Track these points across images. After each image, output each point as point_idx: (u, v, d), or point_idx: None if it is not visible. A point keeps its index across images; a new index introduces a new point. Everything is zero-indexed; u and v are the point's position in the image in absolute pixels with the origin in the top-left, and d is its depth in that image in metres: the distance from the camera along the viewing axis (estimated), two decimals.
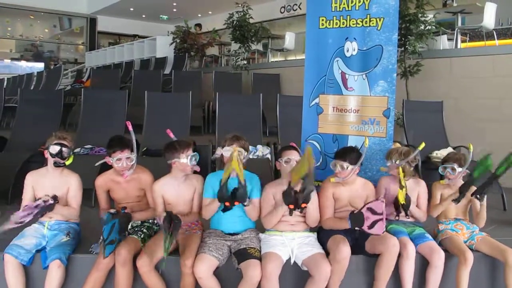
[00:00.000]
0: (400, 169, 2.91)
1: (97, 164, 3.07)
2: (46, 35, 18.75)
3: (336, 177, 2.94)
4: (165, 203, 2.91)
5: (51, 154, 2.80)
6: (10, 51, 17.72)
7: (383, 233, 2.64)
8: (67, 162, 2.84)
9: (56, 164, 2.81)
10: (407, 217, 2.97)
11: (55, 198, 2.74)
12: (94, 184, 3.00)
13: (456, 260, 2.86)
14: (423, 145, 3.13)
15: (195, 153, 2.88)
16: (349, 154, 2.95)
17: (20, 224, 2.60)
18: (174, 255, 2.72)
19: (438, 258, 2.78)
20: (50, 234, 2.79)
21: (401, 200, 2.84)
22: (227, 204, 2.67)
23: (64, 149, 2.80)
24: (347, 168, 2.90)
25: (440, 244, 2.98)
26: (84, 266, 2.70)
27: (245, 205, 2.75)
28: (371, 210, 2.64)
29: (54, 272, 2.56)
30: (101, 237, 2.62)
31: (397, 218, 2.94)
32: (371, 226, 2.61)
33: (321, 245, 2.83)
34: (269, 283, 2.57)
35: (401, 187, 2.86)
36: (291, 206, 2.65)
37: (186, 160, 2.82)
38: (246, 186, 2.67)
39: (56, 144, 2.80)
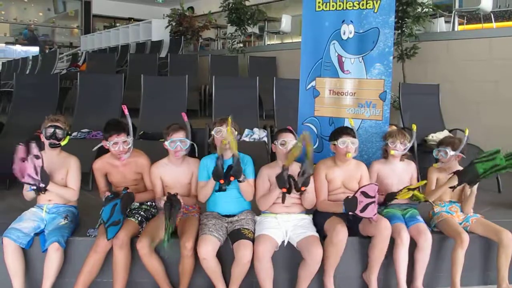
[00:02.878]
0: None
1: (94, 149, 3.08)
2: (40, 19, 18.53)
3: (349, 154, 2.92)
4: (163, 185, 2.94)
5: (45, 137, 2.83)
6: (5, 35, 17.53)
7: (374, 215, 2.64)
8: (63, 143, 2.87)
9: (52, 145, 2.83)
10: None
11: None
12: (91, 168, 3.01)
13: (452, 242, 2.90)
14: (415, 127, 3.23)
15: (182, 138, 2.86)
16: (350, 130, 3.00)
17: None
18: (173, 238, 2.74)
19: (424, 240, 2.81)
20: (49, 217, 2.81)
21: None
22: (221, 181, 2.69)
23: (57, 130, 2.83)
24: (353, 144, 2.93)
25: (435, 226, 3.02)
26: (83, 248, 2.73)
27: (240, 181, 2.76)
28: (364, 193, 2.65)
29: (53, 255, 2.59)
30: (100, 220, 2.63)
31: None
32: (363, 209, 2.63)
33: (317, 227, 2.85)
34: (261, 264, 2.61)
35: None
36: (284, 190, 2.68)
37: (167, 143, 2.84)
38: (240, 161, 2.70)
39: (50, 126, 2.83)
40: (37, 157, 2.65)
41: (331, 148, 3.01)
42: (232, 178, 2.69)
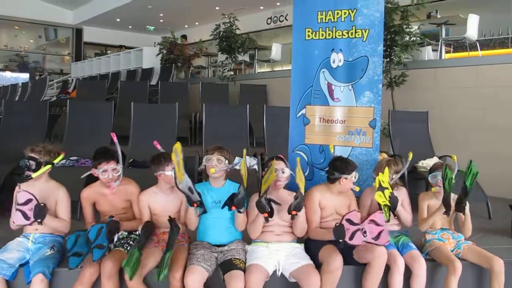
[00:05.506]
0: (386, 171, 2.93)
1: (83, 176, 3.04)
2: (31, 46, 18.65)
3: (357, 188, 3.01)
4: (151, 213, 2.90)
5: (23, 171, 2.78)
6: None
7: (363, 242, 2.62)
8: (34, 175, 2.76)
9: (26, 178, 2.76)
10: (395, 217, 2.97)
11: (44, 205, 2.69)
12: (79, 197, 2.97)
13: (444, 269, 2.88)
14: (411, 155, 3.19)
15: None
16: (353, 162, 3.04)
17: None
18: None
19: (419, 267, 2.80)
20: (34, 247, 2.75)
21: (382, 201, 2.83)
22: (233, 208, 2.67)
23: (31, 162, 2.76)
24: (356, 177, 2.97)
25: (428, 254, 3.00)
26: (69, 280, 2.64)
27: (240, 212, 2.73)
28: (349, 221, 2.65)
29: (37, 287, 2.51)
30: (84, 252, 2.58)
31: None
32: (351, 237, 2.62)
33: (310, 255, 2.82)
34: None
35: (382, 189, 2.86)
36: (266, 215, 2.66)
37: (170, 173, 2.81)
38: (245, 193, 2.68)
39: (27, 158, 2.77)
40: (26, 202, 2.59)
41: (341, 181, 2.95)
42: (233, 208, 2.67)
